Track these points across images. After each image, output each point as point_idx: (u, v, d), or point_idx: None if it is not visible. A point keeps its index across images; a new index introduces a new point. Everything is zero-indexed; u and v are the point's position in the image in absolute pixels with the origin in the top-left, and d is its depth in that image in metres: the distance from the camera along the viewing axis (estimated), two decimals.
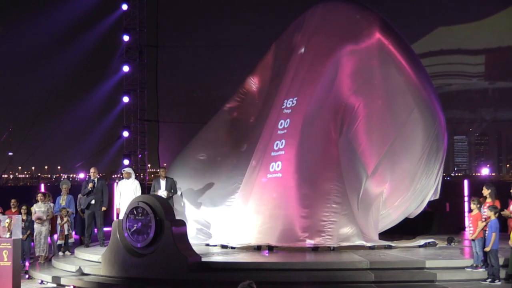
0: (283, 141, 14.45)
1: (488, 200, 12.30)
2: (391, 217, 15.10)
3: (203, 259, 12.28)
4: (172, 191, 15.63)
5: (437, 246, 14.43)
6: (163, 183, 15.72)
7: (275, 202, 14.08)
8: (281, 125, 14.68)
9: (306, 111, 14.54)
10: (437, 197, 15.47)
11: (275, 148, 14.51)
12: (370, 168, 14.44)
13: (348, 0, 16.18)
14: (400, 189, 14.73)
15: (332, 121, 14.48)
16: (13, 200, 15.17)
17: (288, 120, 14.61)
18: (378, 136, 14.53)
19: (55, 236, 15.66)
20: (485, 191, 12.42)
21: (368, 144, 14.47)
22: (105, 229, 15.89)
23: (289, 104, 14.79)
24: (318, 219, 13.67)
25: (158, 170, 16.73)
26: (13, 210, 14.91)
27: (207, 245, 14.94)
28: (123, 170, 16.03)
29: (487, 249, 11.40)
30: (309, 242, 13.66)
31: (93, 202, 15.62)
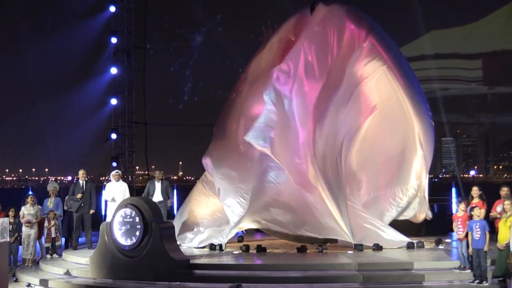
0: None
1: (475, 200, 12.36)
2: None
3: (191, 261, 12.26)
4: (169, 195, 15.77)
5: (425, 247, 14.48)
6: (158, 185, 15.73)
7: (260, 191, 14.27)
8: None
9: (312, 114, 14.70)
10: (430, 216, 15.62)
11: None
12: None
13: (343, 5, 16.20)
14: (378, 183, 15.05)
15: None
16: None
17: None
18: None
19: (43, 239, 15.56)
20: (475, 192, 12.48)
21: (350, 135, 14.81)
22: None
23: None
24: (303, 211, 13.98)
25: (154, 172, 16.68)
26: None
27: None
28: (116, 172, 15.83)
29: (486, 248, 11.38)
30: (294, 231, 14.11)
31: (82, 204, 15.53)
